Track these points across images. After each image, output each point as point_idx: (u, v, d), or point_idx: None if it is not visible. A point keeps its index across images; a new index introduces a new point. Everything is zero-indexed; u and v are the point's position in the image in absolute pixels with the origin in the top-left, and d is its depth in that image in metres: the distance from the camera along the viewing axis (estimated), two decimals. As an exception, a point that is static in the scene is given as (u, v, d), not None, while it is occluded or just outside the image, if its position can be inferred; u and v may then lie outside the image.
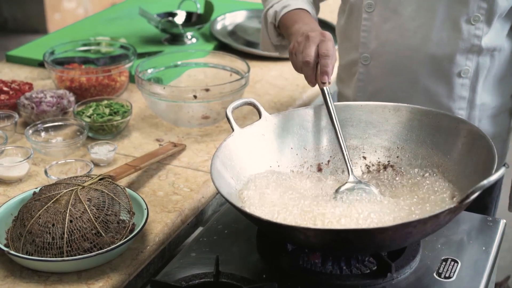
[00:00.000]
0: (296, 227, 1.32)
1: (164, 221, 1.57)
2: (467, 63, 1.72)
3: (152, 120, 2.03)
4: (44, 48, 2.25)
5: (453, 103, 1.77)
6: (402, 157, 1.57)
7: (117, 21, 2.75)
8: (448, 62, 1.73)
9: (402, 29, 1.73)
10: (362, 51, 1.82)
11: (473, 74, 1.74)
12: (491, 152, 1.38)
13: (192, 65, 2.21)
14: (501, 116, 1.84)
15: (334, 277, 1.36)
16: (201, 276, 1.35)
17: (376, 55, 1.80)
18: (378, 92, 1.83)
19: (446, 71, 1.74)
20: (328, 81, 1.53)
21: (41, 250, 1.38)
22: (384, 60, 1.79)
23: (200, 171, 1.77)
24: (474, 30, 1.69)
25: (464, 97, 1.76)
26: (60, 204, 1.42)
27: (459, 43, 1.70)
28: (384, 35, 1.77)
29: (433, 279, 1.37)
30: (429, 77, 1.75)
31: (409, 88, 1.78)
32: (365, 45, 1.81)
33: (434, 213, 1.24)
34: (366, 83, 1.84)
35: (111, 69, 2.09)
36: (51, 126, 1.90)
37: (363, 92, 1.85)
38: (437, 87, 1.76)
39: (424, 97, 1.77)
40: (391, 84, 1.80)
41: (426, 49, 1.72)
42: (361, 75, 1.84)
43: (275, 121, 1.58)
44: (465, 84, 1.75)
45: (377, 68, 1.81)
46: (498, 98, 1.81)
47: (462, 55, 1.71)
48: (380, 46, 1.78)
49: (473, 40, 1.70)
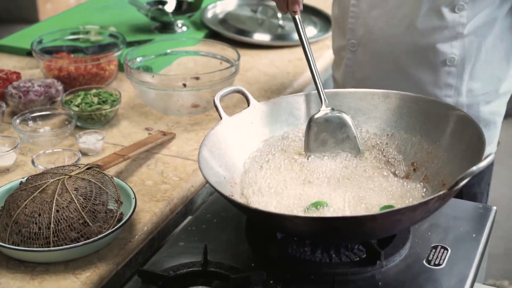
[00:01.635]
0: (284, 215, 1.32)
1: (153, 211, 1.55)
2: (453, 51, 1.72)
3: (142, 109, 2.01)
4: (33, 37, 2.23)
5: (440, 90, 1.77)
6: (392, 144, 1.56)
7: (107, 10, 2.73)
8: (433, 50, 1.73)
9: (388, 16, 1.74)
10: (350, 37, 1.82)
11: (460, 62, 1.74)
12: (480, 138, 1.37)
13: (182, 54, 2.19)
14: (490, 102, 1.83)
15: (323, 265, 1.35)
16: (189, 265, 1.33)
17: (363, 42, 1.81)
18: (365, 79, 1.83)
19: (431, 60, 1.74)
20: (299, 8, 1.54)
21: (28, 241, 1.37)
22: (370, 47, 1.80)
23: (189, 160, 1.76)
24: (459, 18, 1.69)
25: (450, 85, 1.76)
26: (46, 194, 1.40)
27: (444, 32, 1.71)
28: (371, 22, 1.77)
29: (423, 266, 1.36)
30: (415, 65, 1.76)
31: (396, 76, 1.78)
32: (352, 31, 1.81)
33: (423, 200, 1.23)
34: (354, 69, 1.84)
35: (100, 58, 2.07)
36: (39, 116, 1.89)
37: (351, 78, 1.86)
38: (423, 75, 1.76)
39: (410, 85, 1.77)
40: (377, 71, 1.80)
41: (411, 37, 1.73)
42: (348, 61, 1.84)
43: (263, 108, 1.57)
44: (451, 72, 1.75)
45: (364, 55, 1.81)
46: (486, 85, 1.80)
47: (447, 43, 1.72)
48: (367, 33, 1.78)
49: (458, 28, 1.70)
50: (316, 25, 2.57)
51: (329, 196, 1.40)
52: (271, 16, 2.60)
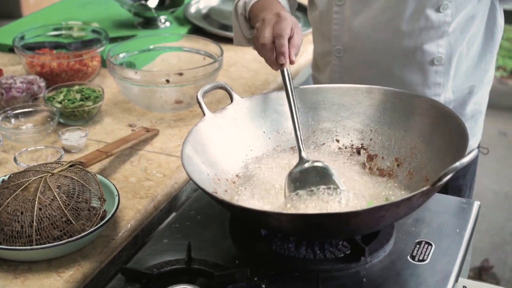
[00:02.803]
0: (268, 212, 1.31)
1: (136, 208, 1.55)
2: (439, 50, 1.72)
3: (125, 105, 2.00)
4: (15, 33, 2.21)
5: (429, 90, 1.78)
6: (376, 140, 1.56)
7: (90, 6, 2.71)
8: (421, 51, 1.73)
9: (373, 21, 1.73)
10: (335, 43, 1.80)
11: (446, 60, 1.74)
12: (463, 134, 1.37)
13: (166, 49, 2.18)
14: (476, 93, 1.84)
15: (307, 261, 1.35)
16: (173, 262, 1.33)
17: (349, 48, 1.79)
18: (353, 83, 1.81)
19: (419, 61, 1.74)
20: (285, 61, 1.49)
21: (10, 239, 1.36)
22: (357, 52, 1.79)
23: (173, 157, 1.75)
24: (444, 17, 1.69)
25: (439, 83, 1.77)
26: (29, 192, 1.39)
27: (430, 32, 1.71)
28: (356, 28, 1.76)
29: (407, 262, 1.36)
30: (403, 68, 1.76)
31: (384, 79, 1.77)
32: (337, 37, 1.79)
33: (406, 196, 1.23)
34: (341, 74, 1.84)
35: (82, 54, 2.06)
36: (21, 113, 1.87)
37: (338, 82, 1.84)
38: (412, 76, 1.76)
39: (399, 87, 1.76)
40: (365, 75, 1.79)
41: (398, 41, 1.72)
42: (335, 67, 1.83)
43: (247, 104, 1.57)
44: (439, 71, 1.75)
45: (351, 60, 1.80)
46: (470, 77, 1.81)
47: (433, 43, 1.72)
48: (353, 39, 1.77)
49: (443, 27, 1.70)
50: (299, 19, 2.56)
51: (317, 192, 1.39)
52: (255, 11, 2.59)
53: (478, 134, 1.91)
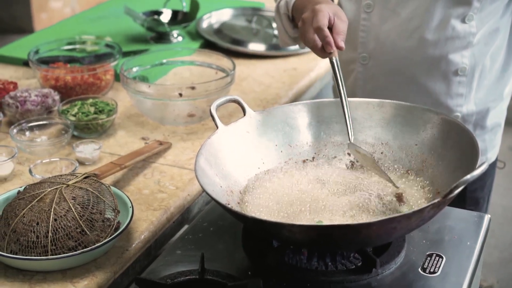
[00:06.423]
0: (281, 223, 1.33)
1: (150, 219, 1.56)
2: (463, 61, 1.74)
3: (138, 119, 2.02)
4: (29, 47, 2.24)
5: (451, 100, 1.79)
6: (387, 153, 1.57)
7: (103, 20, 2.74)
8: (445, 61, 1.75)
9: (399, 29, 1.74)
10: (361, 51, 1.82)
11: (469, 71, 1.76)
12: (474, 147, 1.38)
13: (178, 63, 2.21)
14: (496, 107, 1.86)
15: (319, 273, 1.36)
16: (186, 273, 1.35)
17: (374, 55, 1.81)
18: (377, 91, 1.83)
19: (443, 70, 1.76)
20: (333, 49, 1.51)
21: (26, 249, 1.37)
22: (382, 60, 1.80)
23: (185, 169, 1.77)
24: (469, 28, 1.71)
25: (461, 94, 1.78)
26: (44, 203, 1.41)
27: (456, 42, 1.72)
28: (382, 35, 1.77)
29: (418, 274, 1.37)
30: (427, 76, 1.77)
31: (408, 87, 1.79)
32: (364, 45, 1.81)
33: (418, 208, 1.24)
34: (364, 82, 1.85)
35: (96, 68, 2.09)
36: (35, 125, 1.90)
37: (362, 90, 1.86)
38: (435, 85, 1.78)
39: (422, 96, 1.78)
40: (389, 83, 1.81)
41: (423, 49, 1.74)
42: (359, 74, 1.85)
43: (259, 118, 1.58)
44: (462, 82, 1.77)
45: (376, 68, 1.82)
46: (492, 91, 1.83)
47: (458, 53, 1.73)
48: (379, 47, 1.79)
49: (468, 38, 1.72)
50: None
51: (328, 204, 1.41)
52: (266, 26, 2.62)
53: (496, 147, 1.93)
